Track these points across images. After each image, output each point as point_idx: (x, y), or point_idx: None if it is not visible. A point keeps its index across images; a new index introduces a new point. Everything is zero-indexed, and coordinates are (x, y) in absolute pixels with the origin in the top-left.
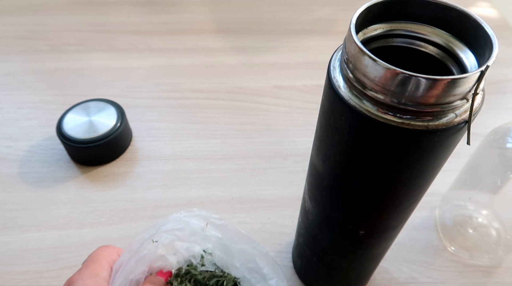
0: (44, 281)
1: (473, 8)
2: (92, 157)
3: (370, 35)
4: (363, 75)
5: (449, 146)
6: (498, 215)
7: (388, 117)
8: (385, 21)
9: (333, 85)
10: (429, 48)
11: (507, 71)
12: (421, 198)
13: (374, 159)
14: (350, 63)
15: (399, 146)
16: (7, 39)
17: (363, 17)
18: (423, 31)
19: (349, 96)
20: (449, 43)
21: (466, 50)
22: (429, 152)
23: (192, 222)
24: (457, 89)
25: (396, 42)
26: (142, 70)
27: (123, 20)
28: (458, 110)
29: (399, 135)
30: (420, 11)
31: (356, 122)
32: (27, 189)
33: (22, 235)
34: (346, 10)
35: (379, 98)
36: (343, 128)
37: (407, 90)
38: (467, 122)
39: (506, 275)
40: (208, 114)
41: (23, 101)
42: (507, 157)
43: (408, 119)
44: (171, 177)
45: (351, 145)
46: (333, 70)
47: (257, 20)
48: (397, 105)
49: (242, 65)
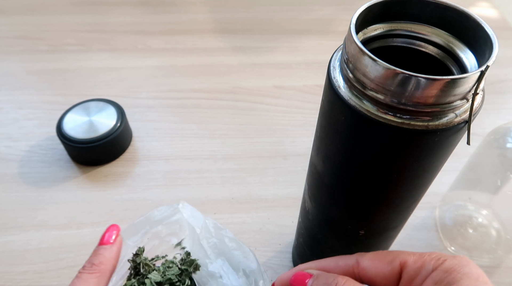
0: (44, 281)
1: (473, 8)
2: (92, 157)
3: (370, 35)
4: (363, 75)
5: (449, 146)
6: (498, 215)
7: (388, 117)
8: (385, 21)
9: (333, 85)
10: (429, 48)
11: (507, 71)
12: (421, 198)
13: (374, 159)
14: (350, 63)
15: (399, 146)
16: (7, 39)
17: (363, 17)
18: (423, 31)
19: (349, 96)
20: (449, 43)
21: (466, 50)
22: (429, 152)
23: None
24: (457, 89)
25: (396, 42)
26: (142, 70)
27: (123, 20)
28: (458, 110)
29: (399, 135)
30: (420, 11)
31: (356, 122)
32: (27, 189)
33: (22, 235)
34: (346, 10)
35: (379, 98)
36: (343, 128)
37: (407, 90)
38: (467, 122)
39: (506, 275)
40: (208, 114)
41: (23, 101)
42: (507, 157)
43: (408, 119)
44: (171, 177)
45: (351, 145)
46: (333, 70)
47: (257, 20)
48: (397, 105)
49: (242, 65)
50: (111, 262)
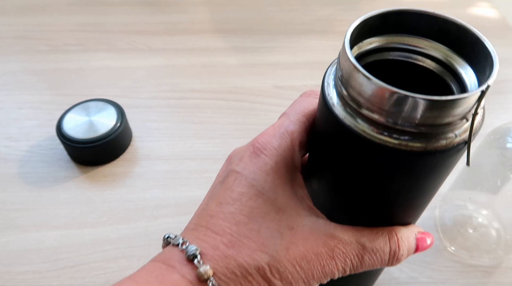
0: (44, 281)
1: (473, 8)
2: (92, 157)
3: (365, 49)
4: (357, 94)
5: (448, 166)
6: (498, 215)
7: (384, 138)
8: (381, 34)
9: (327, 102)
10: (427, 62)
11: (507, 71)
12: (419, 216)
13: (370, 180)
14: (344, 81)
15: (396, 167)
16: (7, 39)
17: (358, 31)
18: (421, 45)
19: (344, 115)
20: (448, 58)
21: (466, 66)
22: (428, 173)
23: None
24: (456, 110)
25: (392, 55)
26: (142, 70)
27: (123, 20)
28: (457, 130)
29: (396, 156)
30: (417, 24)
31: (351, 141)
32: (27, 189)
33: (22, 235)
34: (346, 10)
35: (375, 118)
36: (338, 147)
37: (403, 110)
38: (466, 143)
39: (506, 275)
40: (208, 114)
41: (23, 101)
42: (507, 157)
43: (405, 140)
44: (171, 177)
45: (346, 165)
46: (327, 86)
47: (257, 20)
48: (393, 125)
49: (242, 65)
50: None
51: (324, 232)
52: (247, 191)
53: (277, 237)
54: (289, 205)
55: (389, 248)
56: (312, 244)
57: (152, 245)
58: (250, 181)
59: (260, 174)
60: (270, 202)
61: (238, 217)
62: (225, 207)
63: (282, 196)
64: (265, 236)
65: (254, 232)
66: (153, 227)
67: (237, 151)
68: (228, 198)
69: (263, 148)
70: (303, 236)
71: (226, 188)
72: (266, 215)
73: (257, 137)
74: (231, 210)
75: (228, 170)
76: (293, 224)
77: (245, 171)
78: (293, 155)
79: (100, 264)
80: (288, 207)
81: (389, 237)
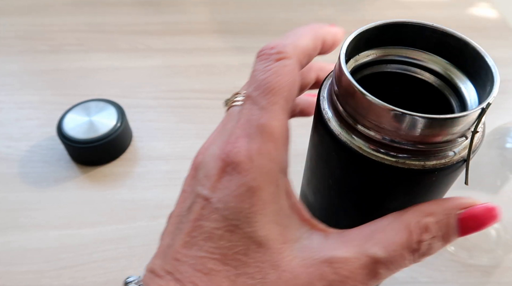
0: (44, 281)
1: (473, 8)
2: (92, 157)
3: (362, 62)
4: (353, 110)
5: (446, 184)
6: None
7: (381, 156)
8: (378, 47)
9: (322, 117)
10: (426, 75)
11: (507, 71)
12: None
13: (367, 197)
14: (339, 96)
15: (394, 185)
16: (7, 39)
17: (354, 43)
18: (419, 57)
19: (339, 131)
20: (447, 71)
21: (466, 80)
22: (426, 192)
23: None
24: (455, 128)
25: (390, 68)
26: (142, 70)
27: (123, 20)
28: (456, 147)
29: (393, 174)
30: (415, 37)
31: (347, 158)
32: (27, 189)
33: (22, 235)
34: (346, 10)
35: (372, 135)
36: (334, 163)
37: (401, 128)
38: (465, 161)
39: (506, 275)
40: (208, 114)
41: (23, 101)
42: (507, 157)
43: (403, 158)
44: (171, 177)
45: (342, 181)
46: (323, 100)
47: (257, 20)
48: (391, 143)
49: (242, 65)
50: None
51: (320, 259)
52: (218, 226)
53: (258, 284)
54: (273, 234)
55: (411, 248)
56: (305, 283)
57: (152, 245)
58: (221, 212)
59: (234, 202)
60: (248, 237)
61: (210, 263)
62: (193, 250)
63: (263, 225)
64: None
65: (229, 281)
66: (154, 227)
67: (202, 159)
68: (197, 235)
69: (233, 162)
70: (292, 274)
71: (193, 218)
72: (243, 255)
73: (225, 145)
74: (201, 254)
75: (195, 193)
76: (277, 260)
77: (214, 198)
78: (276, 158)
79: (100, 264)
80: (271, 238)
81: (408, 233)
